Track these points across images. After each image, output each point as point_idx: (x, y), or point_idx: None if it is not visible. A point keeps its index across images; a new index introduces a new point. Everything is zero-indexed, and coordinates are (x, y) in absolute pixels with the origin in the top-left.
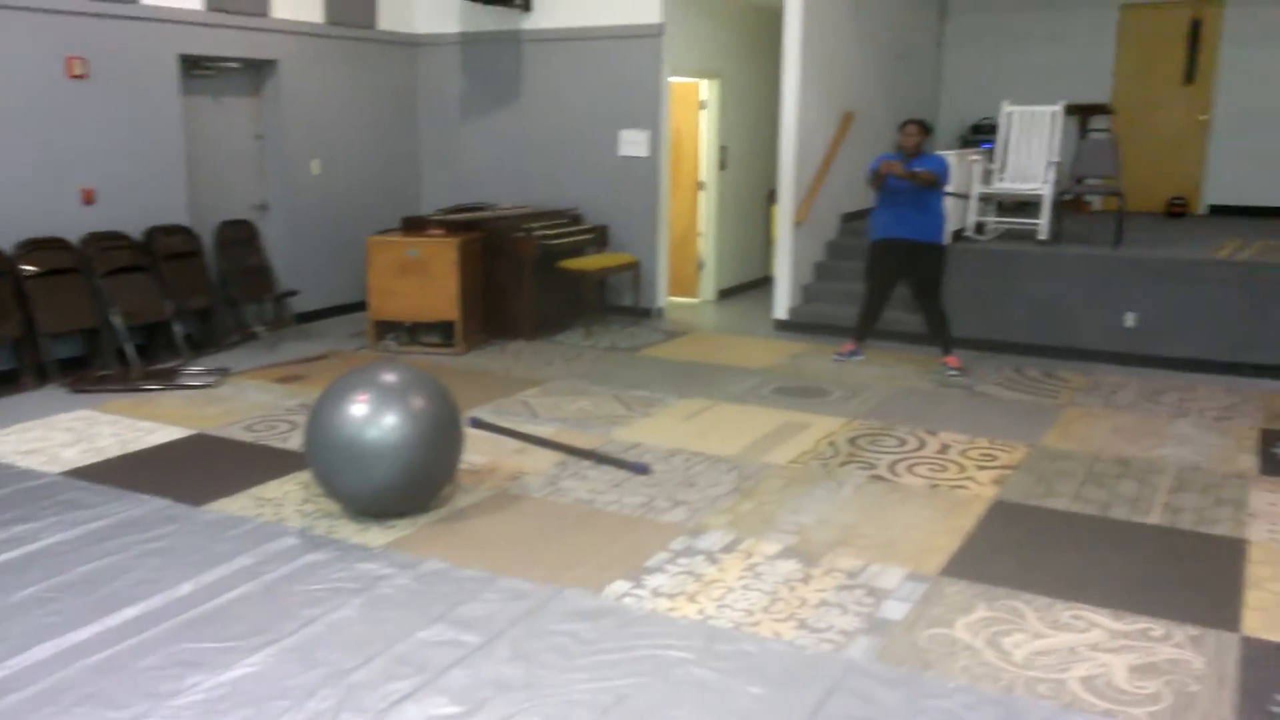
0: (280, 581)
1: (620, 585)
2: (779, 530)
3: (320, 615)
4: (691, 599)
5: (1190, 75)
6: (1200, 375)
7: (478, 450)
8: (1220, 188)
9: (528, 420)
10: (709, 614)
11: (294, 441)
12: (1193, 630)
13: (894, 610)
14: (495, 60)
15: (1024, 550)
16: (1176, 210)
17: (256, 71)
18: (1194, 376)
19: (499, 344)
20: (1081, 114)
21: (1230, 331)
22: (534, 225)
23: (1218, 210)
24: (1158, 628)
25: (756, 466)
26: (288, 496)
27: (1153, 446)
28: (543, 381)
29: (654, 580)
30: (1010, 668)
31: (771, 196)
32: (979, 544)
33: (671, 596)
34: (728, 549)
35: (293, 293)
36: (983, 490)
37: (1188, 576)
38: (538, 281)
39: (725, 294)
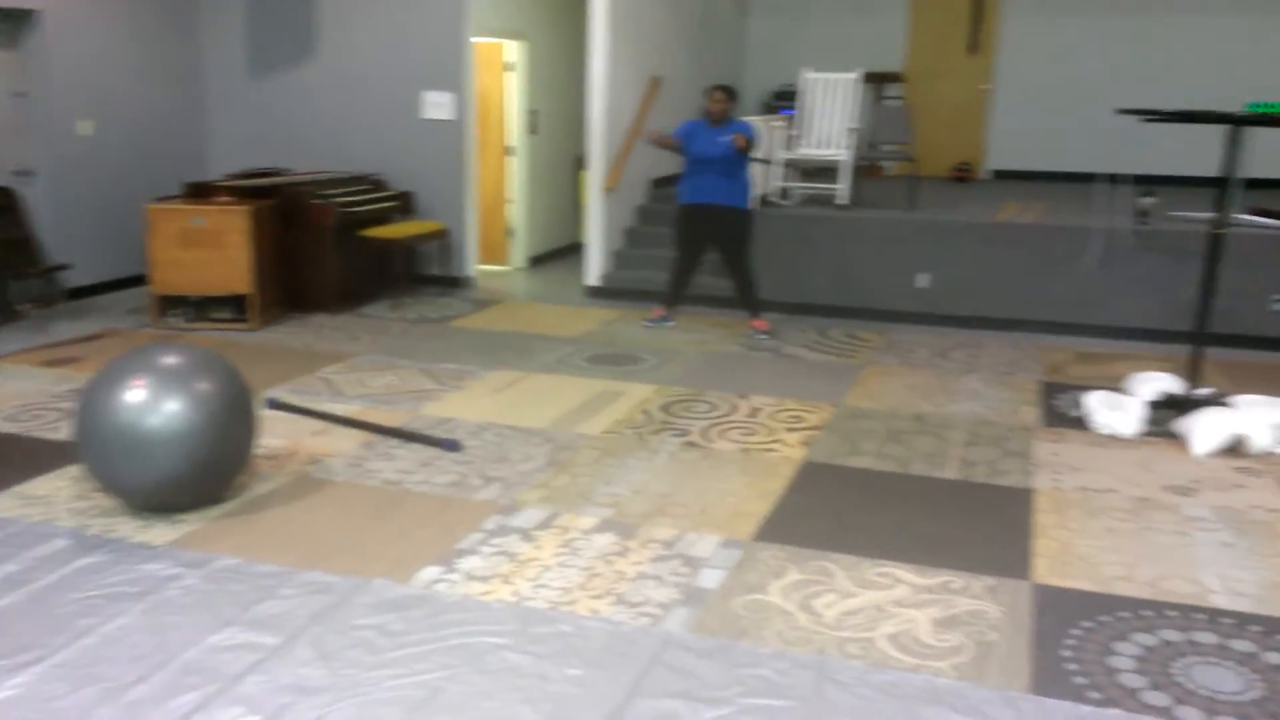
0: (49, 590)
1: (431, 571)
2: (595, 503)
3: (95, 625)
4: (506, 580)
5: (974, 46)
6: (986, 332)
7: (275, 434)
8: (1001, 153)
9: (330, 399)
10: (525, 595)
11: (65, 432)
12: (989, 580)
13: (709, 579)
14: (287, 13)
15: (832, 510)
16: (961, 175)
17: (14, 22)
18: (981, 334)
19: (299, 318)
20: (877, 82)
21: (1013, 290)
22: (333, 192)
23: (1000, 175)
24: (957, 580)
25: (570, 438)
26: (58, 494)
27: (946, 402)
28: (346, 357)
29: (467, 563)
30: (822, 630)
31: (581, 162)
32: (790, 506)
33: (485, 580)
34: (543, 525)
35: (63, 267)
36: (792, 452)
37: (983, 528)
38: (340, 251)
39: (536, 261)
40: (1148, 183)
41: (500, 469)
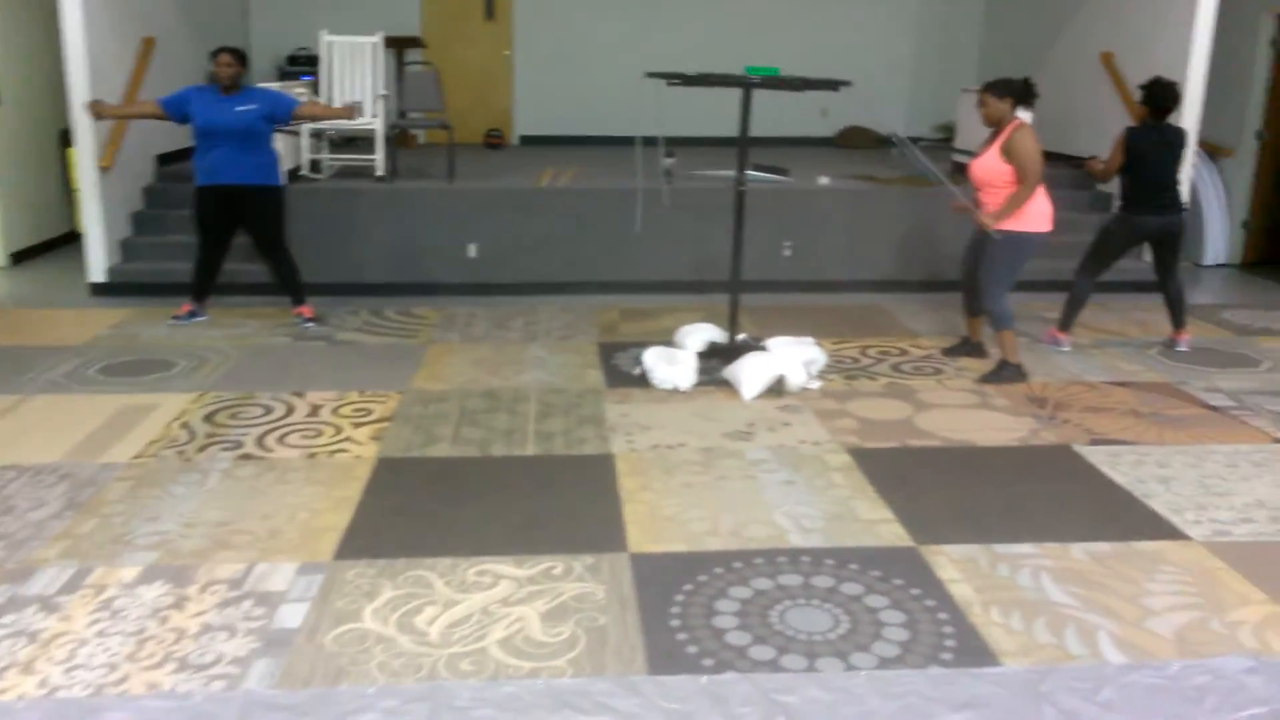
0: None
1: None
2: (135, 547)
3: None
4: (27, 669)
5: (490, 11)
6: (540, 297)
7: None
8: (528, 119)
9: None
10: (56, 684)
11: None
12: (589, 559)
13: (291, 616)
14: None
15: (419, 509)
16: (494, 142)
17: None
18: (534, 299)
19: None
20: (399, 47)
21: (559, 253)
22: None
23: (529, 140)
24: (558, 564)
25: (93, 471)
26: None
27: (514, 374)
28: None
29: None
30: (430, 649)
31: (67, 138)
32: (371, 513)
33: None
34: (69, 588)
35: None
36: (364, 450)
37: (573, 504)
38: None
39: (20, 257)
40: (674, 144)
41: (3, 523)
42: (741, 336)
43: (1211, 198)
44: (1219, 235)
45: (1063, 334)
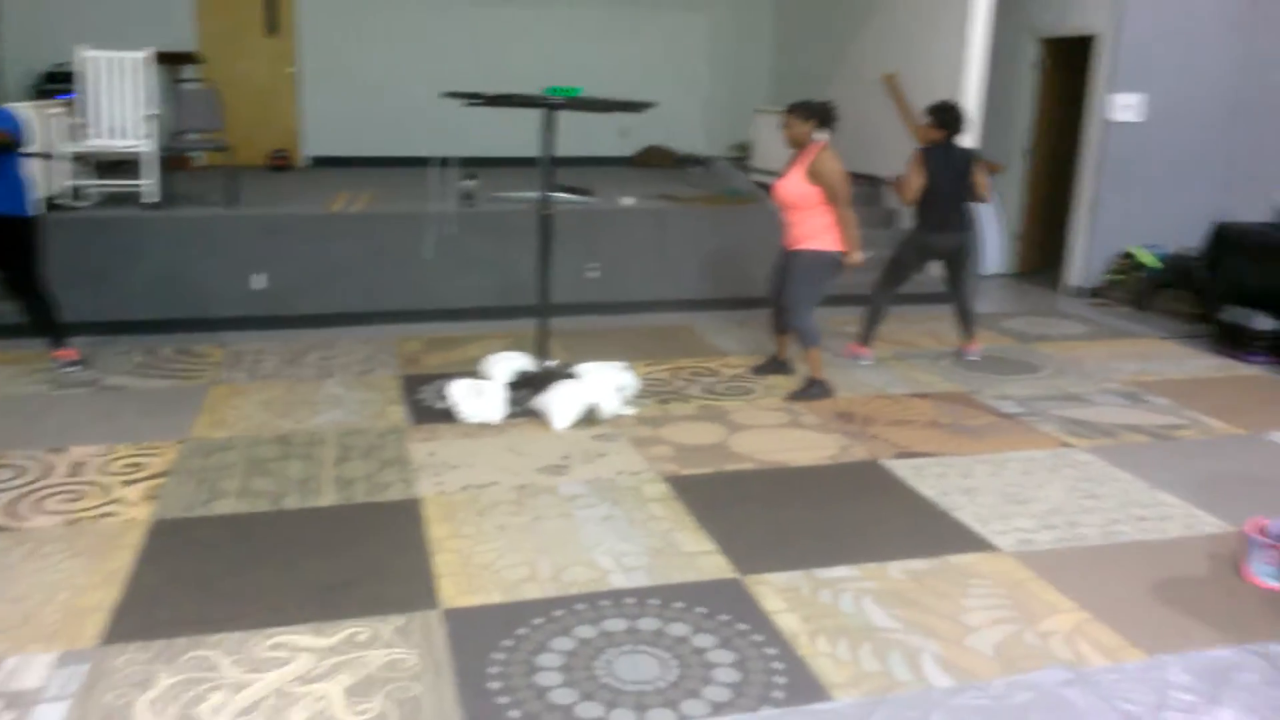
0: None
1: None
2: None
3: None
4: None
5: (272, 26)
6: (336, 329)
7: None
8: (318, 140)
9: None
10: None
11: None
12: (398, 620)
13: (51, 717)
14: None
15: (200, 578)
16: (279, 164)
17: None
18: (331, 331)
19: None
20: (172, 63)
21: (357, 282)
22: None
23: (322, 162)
24: (363, 630)
25: None
26: None
27: (309, 416)
28: None
29: None
30: None
31: None
32: (146, 585)
33: None
34: None
35: None
36: (136, 512)
37: (377, 558)
38: None
39: None
40: (473, 165)
41: None
42: (551, 363)
43: (988, 211)
44: (995, 247)
45: (863, 348)
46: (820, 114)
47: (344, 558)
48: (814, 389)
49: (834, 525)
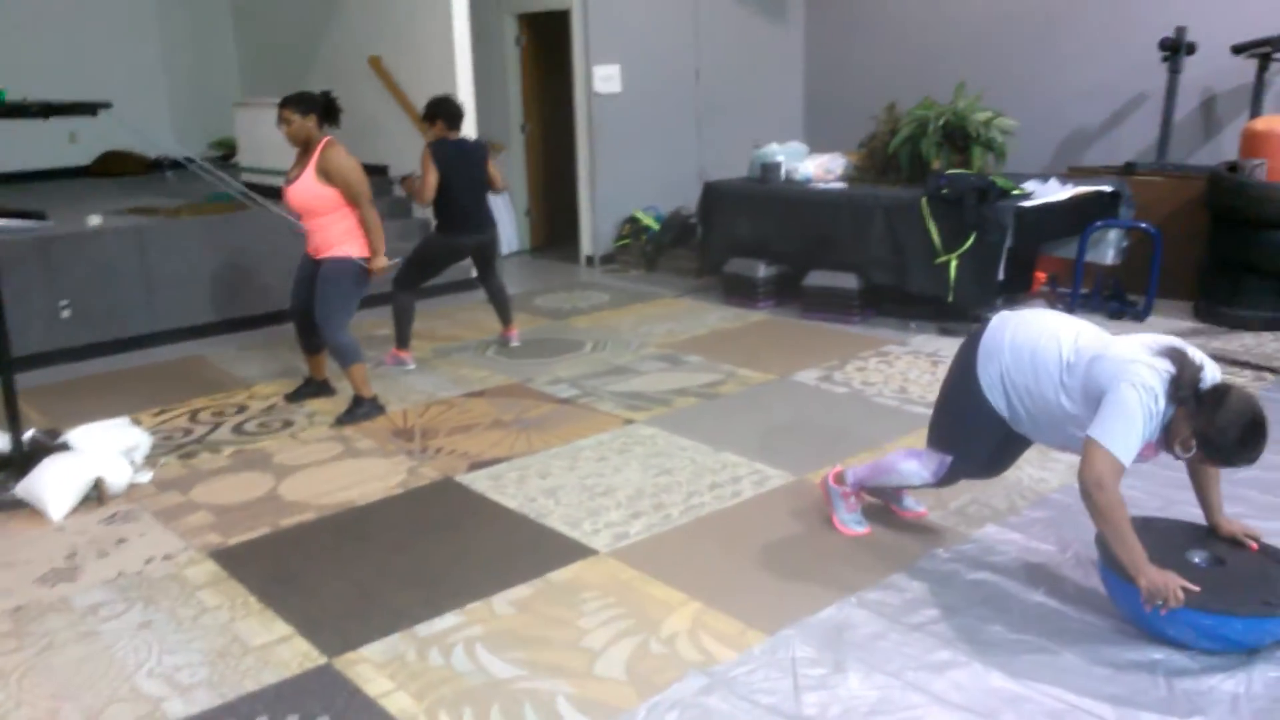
0: None
1: None
2: None
3: None
4: None
5: None
6: None
7: None
8: None
9: None
10: None
11: None
12: None
13: None
14: None
15: None
16: None
17: None
18: None
19: None
20: None
21: None
22: None
23: None
24: None
25: None
26: None
27: None
28: None
29: None
30: None
31: None
32: None
33: None
34: None
35: None
36: None
37: None
38: None
39: None
40: None
41: None
42: (29, 435)
43: (501, 196)
44: (508, 226)
45: (404, 352)
46: (320, 107)
47: None
48: (363, 409)
49: (424, 567)
